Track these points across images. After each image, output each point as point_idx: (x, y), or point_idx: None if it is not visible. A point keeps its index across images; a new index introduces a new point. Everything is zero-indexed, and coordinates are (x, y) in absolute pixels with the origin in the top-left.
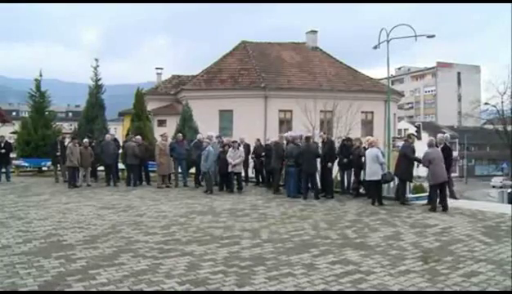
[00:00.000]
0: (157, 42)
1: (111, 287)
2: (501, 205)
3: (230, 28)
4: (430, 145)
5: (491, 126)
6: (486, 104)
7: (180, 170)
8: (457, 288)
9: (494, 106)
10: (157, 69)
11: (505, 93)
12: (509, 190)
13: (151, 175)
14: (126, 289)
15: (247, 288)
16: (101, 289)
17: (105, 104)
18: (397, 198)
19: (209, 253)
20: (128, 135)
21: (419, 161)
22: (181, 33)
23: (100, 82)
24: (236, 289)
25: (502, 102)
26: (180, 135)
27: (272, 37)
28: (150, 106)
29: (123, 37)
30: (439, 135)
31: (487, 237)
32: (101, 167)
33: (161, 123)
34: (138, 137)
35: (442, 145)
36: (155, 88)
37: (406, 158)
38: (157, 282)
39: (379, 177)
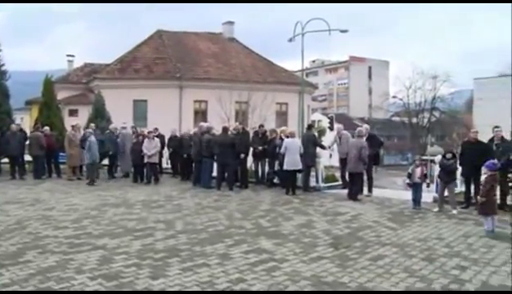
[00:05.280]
0: (70, 27)
1: (15, 288)
2: (405, 192)
3: (147, 16)
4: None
5: (398, 119)
6: (394, 97)
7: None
8: (365, 271)
9: (401, 100)
10: (68, 56)
11: (410, 87)
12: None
13: (61, 167)
14: (32, 288)
15: (161, 280)
16: (2, 290)
17: (9, 91)
18: (303, 186)
19: (122, 246)
20: (36, 125)
21: (323, 147)
22: (96, 19)
23: (3, 68)
24: (150, 281)
25: (408, 96)
26: (92, 125)
27: (189, 26)
28: (61, 95)
29: (32, 20)
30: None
31: (392, 222)
32: (6, 159)
33: (72, 113)
34: (46, 128)
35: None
36: (66, 76)
37: (313, 145)
38: (67, 278)
39: (300, 167)
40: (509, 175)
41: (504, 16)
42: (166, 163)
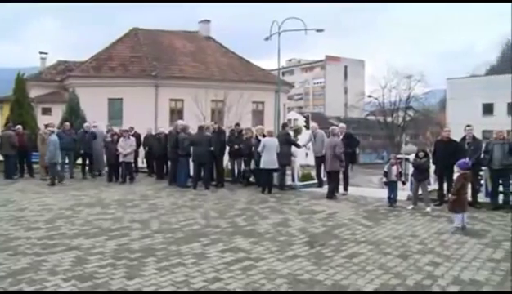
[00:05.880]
0: (44, 24)
1: None
2: (380, 190)
3: (122, 14)
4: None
5: (373, 118)
6: (369, 96)
7: (67, 161)
8: (340, 269)
9: (376, 99)
10: (41, 53)
11: (385, 87)
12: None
13: (34, 166)
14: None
15: (137, 280)
16: None
17: None
18: (279, 185)
19: (97, 246)
20: (7, 123)
21: (298, 145)
22: (70, 16)
23: None
24: (126, 282)
25: (383, 95)
26: (67, 124)
27: (165, 25)
28: (33, 93)
29: (2, 16)
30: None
31: (367, 220)
32: None
33: (46, 111)
34: (19, 126)
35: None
36: (39, 74)
37: (287, 144)
38: (39, 280)
39: (277, 166)
40: (480, 173)
41: (477, 18)
42: (142, 162)
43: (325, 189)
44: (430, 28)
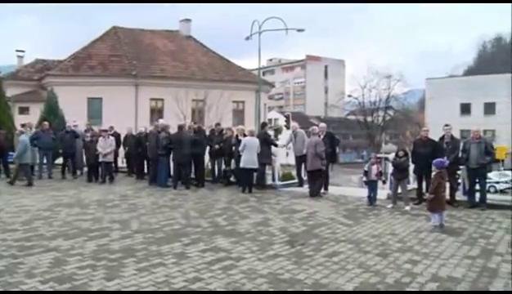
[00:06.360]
0: (20, 20)
1: None
2: (360, 189)
3: (103, 12)
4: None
5: (353, 117)
6: (349, 96)
7: (45, 161)
8: (320, 268)
9: (356, 98)
10: (18, 51)
11: (365, 87)
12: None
13: (11, 166)
14: None
15: (116, 281)
16: None
17: None
18: (258, 184)
19: (76, 247)
20: None
21: (275, 144)
22: (49, 11)
23: None
24: (105, 283)
25: (363, 95)
26: (46, 123)
27: (145, 24)
28: (10, 92)
29: None
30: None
31: (347, 219)
32: None
33: (23, 111)
34: None
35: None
36: (16, 73)
37: (266, 143)
38: (15, 283)
39: (257, 166)
40: (458, 172)
41: (455, 19)
42: (122, 162)
43: (305, 189)
44: (410, 29)
